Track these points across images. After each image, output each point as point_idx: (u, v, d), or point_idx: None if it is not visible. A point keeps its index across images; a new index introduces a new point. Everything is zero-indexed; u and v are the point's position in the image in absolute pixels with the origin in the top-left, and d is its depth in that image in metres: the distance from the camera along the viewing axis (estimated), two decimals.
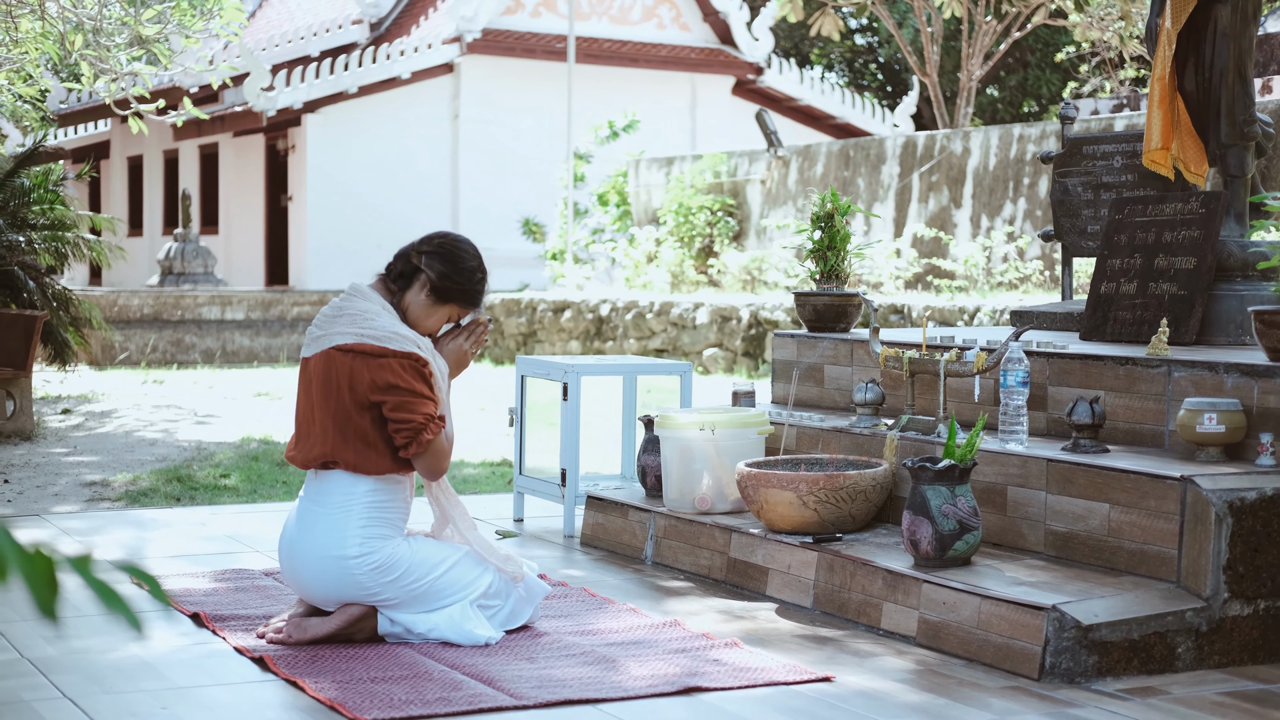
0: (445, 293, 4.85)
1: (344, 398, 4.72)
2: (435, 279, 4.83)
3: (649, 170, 20.48)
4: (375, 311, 4.79)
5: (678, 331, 16.03)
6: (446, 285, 4.85)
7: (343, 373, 4.72)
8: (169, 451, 10.10)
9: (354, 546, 4.69)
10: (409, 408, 4.70)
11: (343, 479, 4.75)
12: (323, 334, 4.81)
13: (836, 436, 6.02)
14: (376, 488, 4.76)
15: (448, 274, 4.85)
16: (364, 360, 4.70)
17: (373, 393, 4.69)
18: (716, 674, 4.43)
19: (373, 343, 4.71)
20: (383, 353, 4.69)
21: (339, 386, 4.72)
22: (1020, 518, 5.19)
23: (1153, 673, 4.50)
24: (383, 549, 4.71)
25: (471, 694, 4.19)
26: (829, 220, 6.75)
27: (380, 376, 4.68)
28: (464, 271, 4.88)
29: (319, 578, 4.72)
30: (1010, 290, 14.47)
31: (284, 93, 24.10)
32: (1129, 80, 23.56)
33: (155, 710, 4.05)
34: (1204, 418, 4.93)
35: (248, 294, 20.40)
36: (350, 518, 4.71)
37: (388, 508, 4.77)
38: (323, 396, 4.76)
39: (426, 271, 4.84)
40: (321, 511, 4.75)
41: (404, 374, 4.70)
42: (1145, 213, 6.27)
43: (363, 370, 4.70)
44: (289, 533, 4.84)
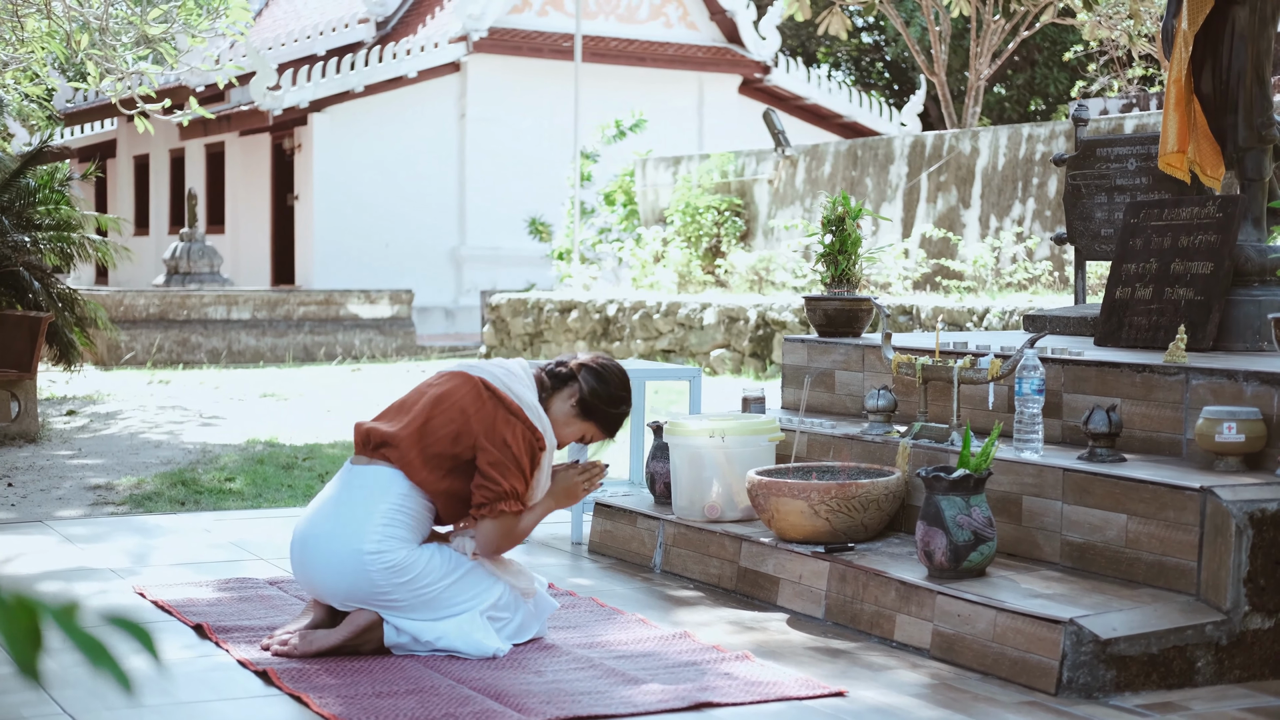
0: (589, 409, 4.95)
1: (456, 418, 4.72)
2: (586, 392, 4.93)
3: (656, 170, 20.40)
4: (527, 384, 4.87)
5: (685, 332, 15.95)
6: (594, 403, 4.95)
7: (473, 401, 4.75)
8: (174, 454, 10.03)
9: (372, 542, 4.63)
10: (504, 472, 4.69)
11: (380, 476, 4.72)
12: (478, 365, 4.89)
13: (848, 444, 5.94)
14: (410, 494, 4.72)
15: (599, 392, 4.95)
16: (497, 406, 4.74)
17: (484, 437, 4.70)
18: (728, 689, 4.35)
19: (514, 400, 4.76)
20: (517, 412, 4.75)
21: (460, 406, 4.74)
22: (1036, 528, 5.11)
23: (1172, 687, 4.42)
24: (399, 550, 4.65)
25: (478, 709, 4.12)
26: (840, 224, 6.67)
27: (499, 429, 4.71)
28: (613, 397, 4.98)
29: (332, 569, 4.66)
30: (1019, 291, 14.39)
31: (290, 92, 24.04)
32: (1137, 79, 23.45)
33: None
34: (1223, 426, 4.85)
35: (254, 293, 20.34)
36: (375, 513, 4.67)
37: (413, 514, 4.72)
38: (436, 399, 4.79)
39: (580, 382, 4.93)
40: (348, 504, 4.71)
41: (520, 441, 4.72)
42: (1161, 216, 6.19)
43: (490, 414, 4.72)
44: (307, 521, 4.79)
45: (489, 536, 4.72)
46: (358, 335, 20.38)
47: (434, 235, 25.27)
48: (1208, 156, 6.22)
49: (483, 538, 4.72)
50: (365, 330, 20.47)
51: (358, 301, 20.61)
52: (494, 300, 18.93)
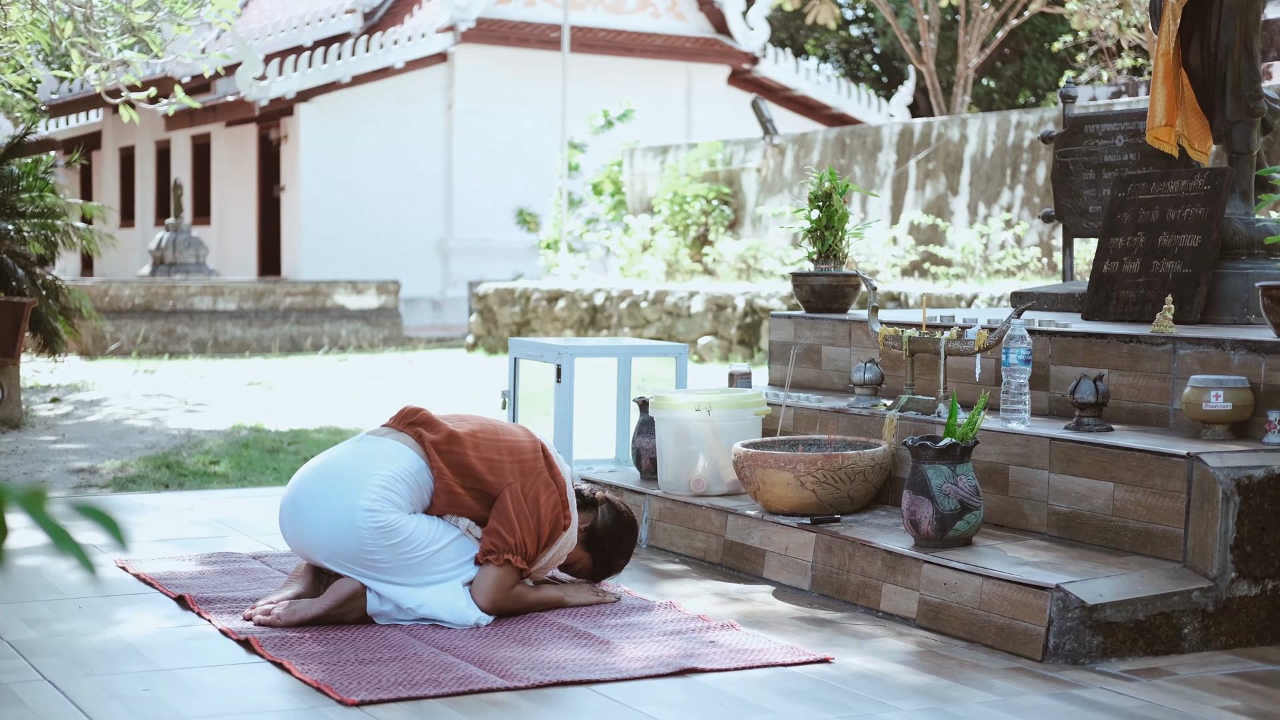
0: (595, 542, 5.03)
1: (502, 451, 4.79)
2: (599, 525, 5.01)
3: (644, 159, 20.37)
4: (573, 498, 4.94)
5: (672, 320, 15.92)
6: (602, 538, 5.02)
7: (527, 451, 4.82)
8: (158, 439, 9.99)
9: (367, 499, 4.61)
10: (523, 525, 4.72)
11: (394, 447, 4.74)
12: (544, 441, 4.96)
13: (835, 417, 5.91)
14: (417, 472, 4.72)
15: (611, 530, 5.03)
16: (545, 468, 4.81)
17: (519, 484, 4.75)
18: (713, 655, 4.33)
19: (561, 472, 4.85)
20: (560, 482, 4.82)
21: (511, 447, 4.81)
22: (1022, 497, 5.09)
23: (1158, 654, 4.40)
24: (391, 512, 4.64)
25: (462, 675, 4.09)
26: (826, 199, 6.65)
27: (536, 486, 4.77)
28: (620, 542, 5.07)
29: (323, 521, 4.63)
30: (1008, 277, 14.37)
31: (276, 82, 23.97)
32: (1126, 70, 23.45)
33: (137, 692, 3.94)
34: (1210, 395, 4.83)
35: (240, 284, 20.28)
36: (377, 475, 4.66)
37: (414, 488, 4.72)
38: (496, 427, 4.89)
39: (599, 514, 5.02)
40: (352, 462, 4.71)
41: (548, 508, 4.76)
42: (1149, 190, 6.17)
43: (535, 469, 4.79)
44: (304, 474, 4.78)
45: (487, 584, 4.69)
46: (344, 326, 20.33)
47: (421, 227, 25.22)
48: (1195, 130, 6.20)
49: (481, 583, 4.70)
50: (352, 321, 20.42)
51: (344, 292, 20.56)
52: (481, 290, 18.89)
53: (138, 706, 3.83)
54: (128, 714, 3.77)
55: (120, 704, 3.85)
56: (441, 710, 3.82)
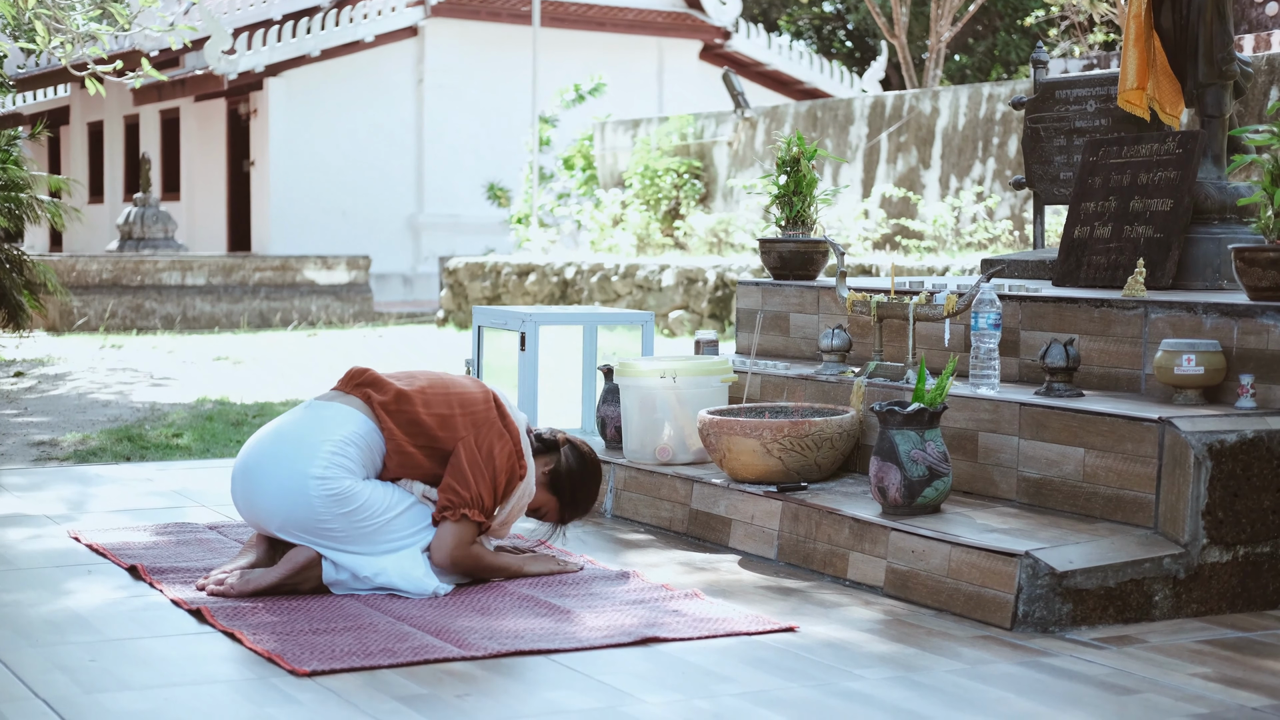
0: (559, 484, 4.90)
1: (453, 405, 4.67)
2: (563, 467, 4.88)
3: (615, 133, 20.24)
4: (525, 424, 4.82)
5: (643, 294, 15.81)
6: (567, 480, 4.89)
7: (478, 403, 4.69)
8: (122, 412, 9.85)
9: (319, 467, 4.50)
10: (478, 478, 4.60)
11: (343, 411, 4.62)
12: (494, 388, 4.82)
13: (802, 384, 5.82)
14: (367, 433, 4.60)
15: (575, 472, 4.89)
16: (497, 418, 4.69)
17: (472, 437, 4.63)
18: (676, 625, 4.24)
19: (514, 421, 4.71)
20: (514, 432, 4.69)
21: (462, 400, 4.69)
22: (992, 464, 5.00)
23: (1129, 621, 4.33)
24: (344, 479, 4.52)
25: (417, 645, 3.99)
26: (794, 164, 6.55)
27: (489, 438, 4.64)
28: (585, 482, 4.92)
29: (275, 491, 4.52)
30: (980, 250, 14.30)
31: (245, 56, 23.76)
32: (1098, 44, 23.38)
33: (84, 663, 3.84)
34: (1182, 359, 4.75)
35: (209, 259, 20.11)
36: (327, 440, 4.54)
37: (365, 450, 4.60)
38: (446, 381, 4.76)
39: (562, 456, 4.89)
40: (302, 429, 4.60)
41: (503, 458, 4.64)
42: (1120, 154, 6.08)
43: (487, 420, 4.67)
44: (256, 442, 4.66)
45: (445, 540, 4.58)
46: (314, 301, 20.18)
47: (392, 202, 25.04)
48: (1167, 93, 6.11)
49: (439, 541, 4.59)
50: (322, 296, 20.27)
51: (314, 267, 20.40)
52: (451, 264, 18.75)
53: (83, 677, 3.72)
54: (72, 684, 3.66)
55: (65, 674, 3.74)
56: (395, 680, 3.73)
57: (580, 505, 4.95)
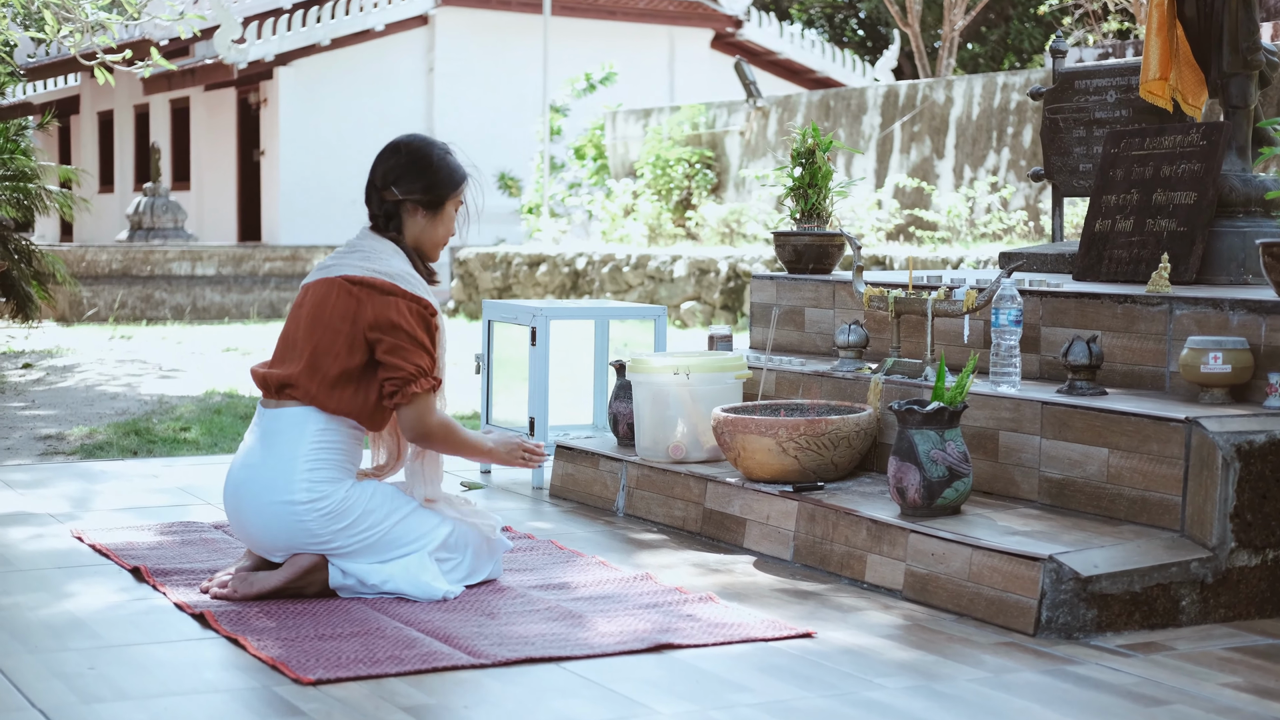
0: (439, 200, 4.60)
1: (337, 328, 4.41)
2: (424, 197, 4.57)
3: (626, 123, 20.12)
4: (390, 251, 4.54)
5: (655, 284, 15.71)
6: (436, 194, 4.59)
7: (345, 302, 4.42)
8: (129, 405, 9.77)
9: (303, 492, 4.36)
10: (404, 354, 4.39)
11: (293, 417, 4.41)
12: (334, 264, 4.53)
13: (818, 381, 5.71)
14: (327, 426, 4.41)
15: (431, 184, 4.58)
16: (371, 294, 4.41)
17: (371, 329, 4.38)
18: (690, 630, 4.13)
19: (385, 279, 4.43)
20: (392, 289, 4.41)
21: (335, 315, 4.41)
22: (1013, 464, 4.89)
23: (1155, 627, 4.21)
24: (334, 494, 4.38)
25: (425, 652, 3.89)
26: (810, 156, 6.43)
27: (384, 314, 4.38)
28: (439, 168, 4.60)
29: (266, 525, 4.40)
30: (994, 241, 14.18)
31: (255, 45, 23.66)
32: (1112, 33, 23.20)
33: (82, 670, 3.74)
34: (1209, 357, 4.63)
35: (219, 249, 20.02)
36: (297, 460, 4.37)
37: (337, 448, 4.43)
38: (310, 321, 4.45)
39: (408, 199, 4.57)
40: (268, 453, 4.42)
41: (409, 317, 4.40)
42: (1142, 146, 5.96)
43: (368, 304, 4.40)
44: (234, 476, 4.51)
45: (410, 423, 4.42)
46: None
47: None
48: (1190, 83, 5.99)
49: (406, 425, 4.43)
50: None
51: (324, 257, 20.31)
52: (462, 255, 18.65)
53: (81, 685, 3.62)
54: (69, 693, 3.56)
55: (62, 683, 3.64)
56: (402, 689, 3.62)
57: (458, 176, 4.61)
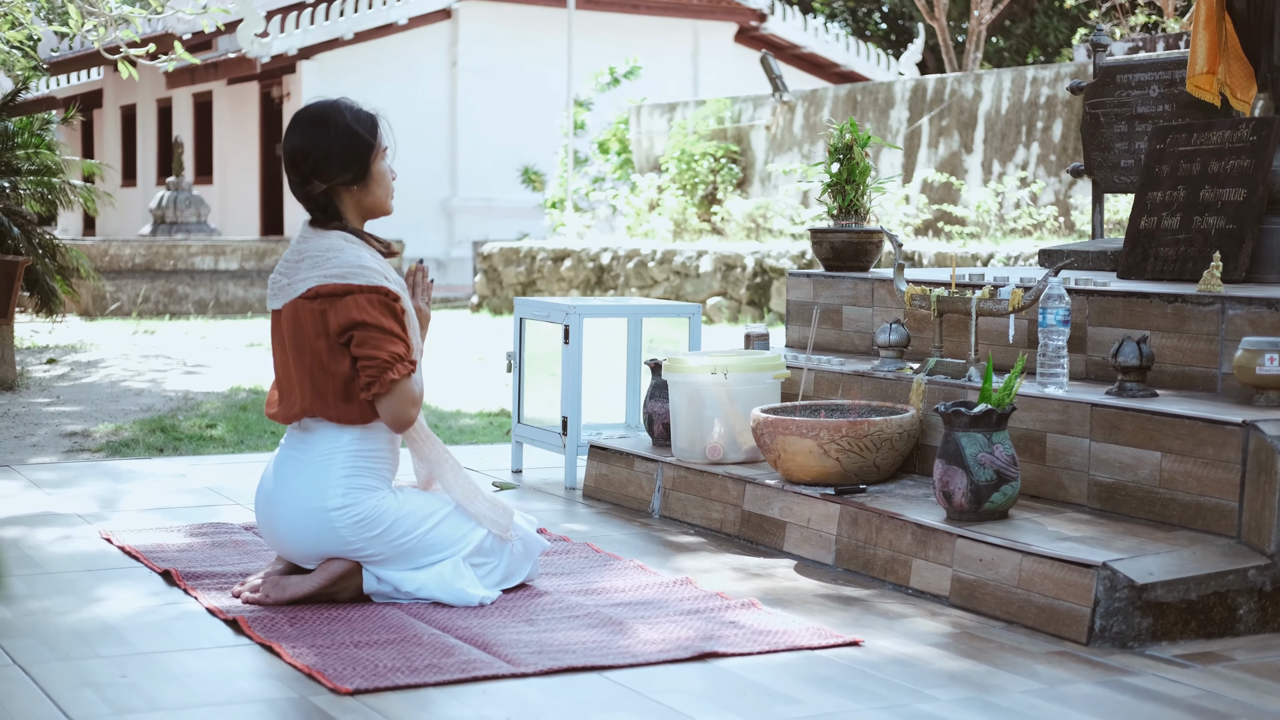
0: (364, 167, 4.42)
1: (316, 347, 4.29)
2: (349, 175, 4.40)
3: (651, 117, 20.01)
4: (336, 246, 4.35)
5: (681, 280, 15.60)
6: (357, 163, 4.40)
7: (312, 321, 4.29)
8: (155, 401, 9.69)
9: (336, 498, 4.27)
10: (373, 344, 4.26)
11: (327, 429, 4.34)
12: (287, 282, 4.36)
13: (858, 381, 5.60)
14: (362, 435, 4.34)
15: (348, 156, 4.39)
16: (329, 302, 4.27)
17: (340, 335, 4.27)
18: (734, 638, 4.03)
19: (336, 281, 4.27)
20: (346, 289, 4.26)
21: (310, 336, 4.30)
22: (1061, 467, 4.78)
23: (1211, 636, 4.10)
24: (367, 501, 4.30)
25: (464, 660, 3.79)
26: (848, 152, 6.32)
27: (345, 314, 4.26)
28: (346, 135, 4.40)
29: (299, 532, 4.31)
30: (1024, 237, 14.05)
31: (278, 39, 23.61)
32: (1139, 26, 23.03)
33: (114, 679, 3.65)
34: (1265, 358, 4.51)
35: (242, 244, 19.96)
36: (333, 468, 4.30)
37: (374, 457, 4.35)
38: (296, 351, 4.34)
39: (336, 180, 4.39)
40: (303, 461, 4.34)
41: (370, 309, 4.27)
42: (1189, 142, 5.84)
43: (330, 313, 4.27)
44: (266, 484, 4.43)
45: (391, 410, 4.29)
46: None
47: (425, 186, 24.85)
48: (1238, 77, 5.87)
49: (387, 415, 4.30)
50: None
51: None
52: (486, 249, 18.56)
53: (112, 695, 3.54)
54: (101, 703, 3.47)
55: (94, 692, 3.55)
56: (441, 700, 3.53)
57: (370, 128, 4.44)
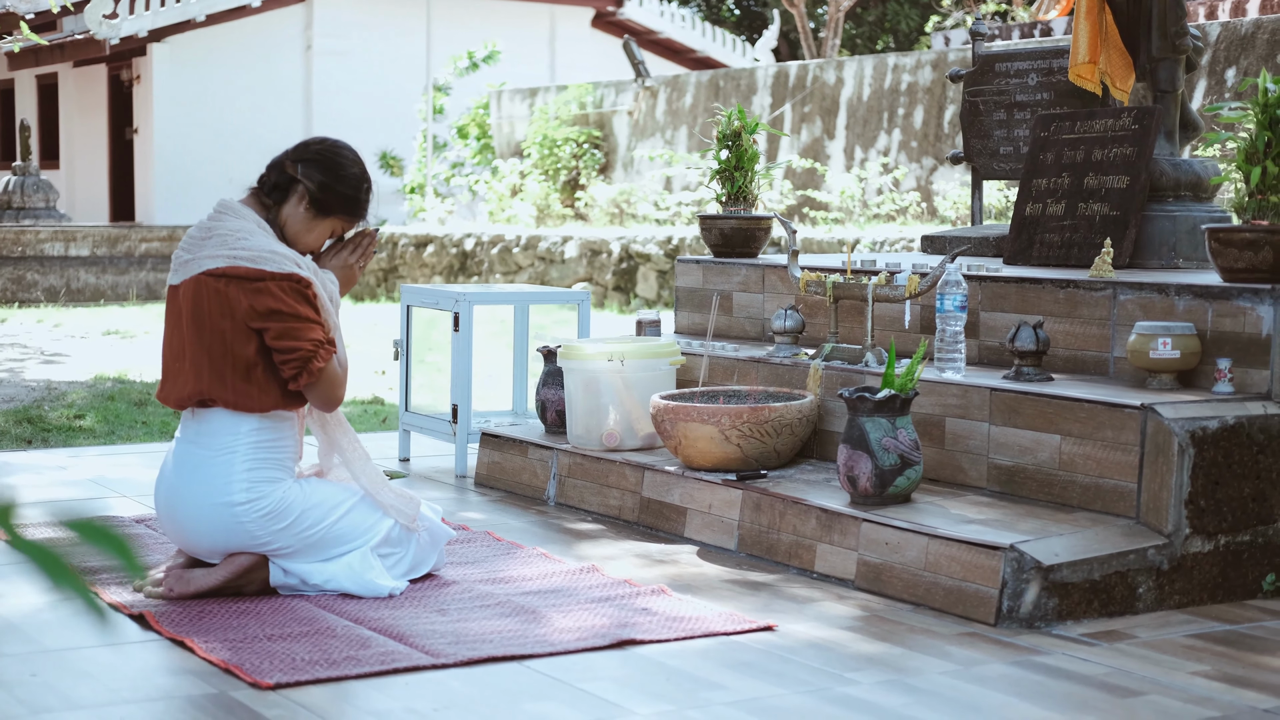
0: (327, 205, 4.34)
1: (220, 327, 4.20)
2: (315, 190, 4.32)
3: (511, 102, 19.93)
4: (248, 230, 4.26)
5: (546, 265, 15.57)
6: (328, 196, 4.33)
7: (217, 300, 4.20)
8: (16, 392, 9.46)
9: (240, 492, 4.20)
10: (294, 334, 4.19)
11: (224, 417, 4.24)
12: (191, 258, 4.26)
13: (754, 367, 5.64)
14: (262, 425, 4.26)
15: (329, 184, 4.33)
16: (240, 285, 4.17)
17: (252, 320, 4.18)
18: (649, 625, 4.04)
19: (247, 264, 4.18)
20: (260, 275, 4.17)
21: (213, 315, 4.20)
22: (960, 451, 4.85)
23: (1113, 615, 4.19)
24: (272, 493, 4.23)
25: (382, 652, 3.76)
26: (736, 138, 6.36)
27: (259, 302, 4.17)
28: (347, 179, 4.37)
29: (203, 527, 4.24)
30: (888, 222, 14.21)
31: (128, 20, 23.13)
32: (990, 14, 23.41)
33: (24, 677, 3.57)
34: (1157, 343, 4.62)
35: (93, 229, 19.54)
36: (235, 460, 4.22)
37: (275, 447, 4.28)
38: (195, 329, 4.24)
39: (304, 182, 4.33)
40: (203, 454, 4.25)
41: (285, 297, 4.18)
42: (1073, 130, 5.95)
43: (240, 296, 4.18)
44: (167, 479, 4.33)
45: (322, 395, 4.25)
46: None
47: None
48: (1118, 67, 5.99)
49: (317, 401, 4.27)
50: None
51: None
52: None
53: (25, 694, 3.45)
54: (15, 702, 3.39)
55: (5, 691, 3.47)
56: (364, 692, 3.49)
57: (360, 198, 4.40)
